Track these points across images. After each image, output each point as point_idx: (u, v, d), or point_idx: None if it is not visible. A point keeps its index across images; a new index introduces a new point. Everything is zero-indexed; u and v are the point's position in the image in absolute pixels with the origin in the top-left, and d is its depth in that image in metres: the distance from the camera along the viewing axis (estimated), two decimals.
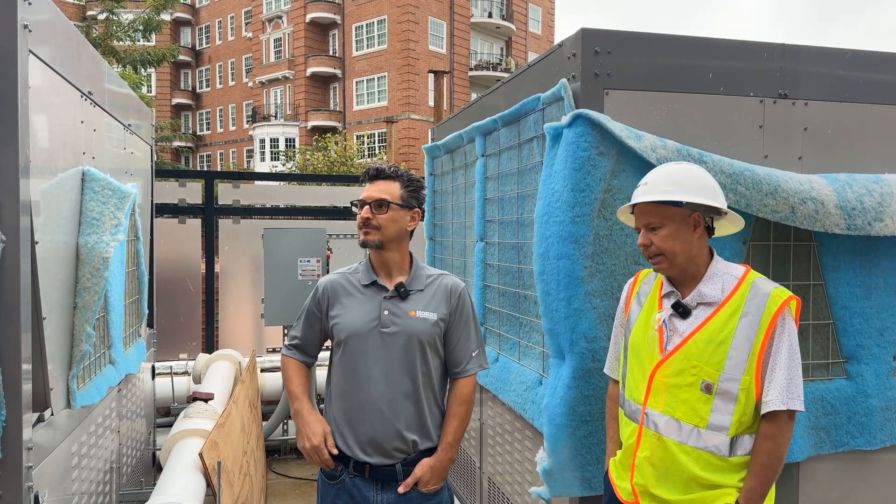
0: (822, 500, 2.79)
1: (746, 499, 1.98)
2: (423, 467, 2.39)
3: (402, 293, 2.41)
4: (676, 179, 2.06)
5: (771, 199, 2.47)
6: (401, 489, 2.37)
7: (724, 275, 2.07)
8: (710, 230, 2.11)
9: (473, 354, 2.50)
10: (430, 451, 2.43)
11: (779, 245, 2.70)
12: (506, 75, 3.84)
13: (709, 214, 2.09)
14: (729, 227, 2.20)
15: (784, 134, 2.72)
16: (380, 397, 2.36)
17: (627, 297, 2.29)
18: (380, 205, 2.38)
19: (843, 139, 2.79)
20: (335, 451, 2.39)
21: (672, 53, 2.59)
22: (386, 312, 2.39)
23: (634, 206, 2.14)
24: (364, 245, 2.41)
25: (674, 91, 2.59)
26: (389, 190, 2.41)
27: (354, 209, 2.44)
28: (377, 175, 2.43)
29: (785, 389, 1.96)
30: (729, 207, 2.25)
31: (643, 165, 2.43)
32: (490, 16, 40.90)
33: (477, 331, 2.54)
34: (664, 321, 2.10)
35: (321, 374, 4.97)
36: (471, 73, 39.60)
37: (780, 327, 1.98)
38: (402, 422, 2.37)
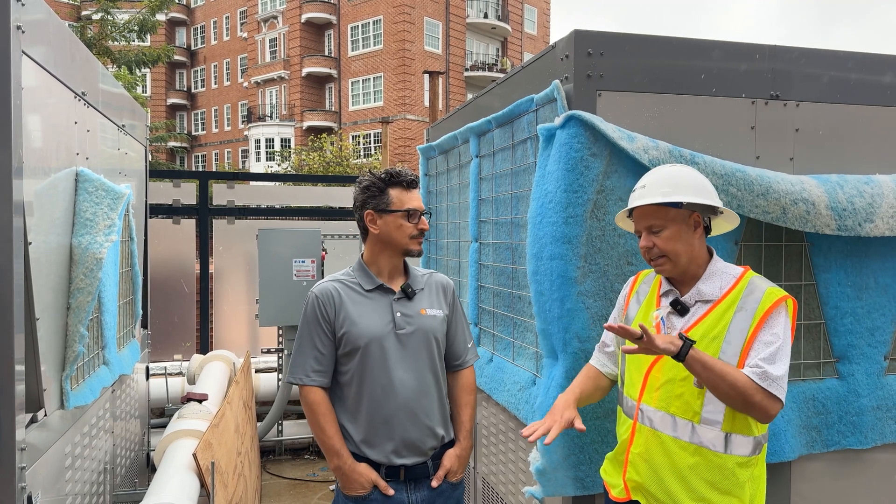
0: (814, 499, 2.80)
1: (696, 351, 1.89)
2: (450, 458, 2.45)
3: (409, 293, 2.43)
4: (674, 181, 2.08)
5: (762, 199, 2.49)
6: (434, 483, 2.41)
7: (723, 274, 2.09)
8: (707, 230, 2.14)
9: (469, 346, 2.62)
10: (450, 443, 2.50)
11: (770, 245, 2.71)
12: (501, 76, 3.87)
13: (706, 214, 2.11)
14: (725, 225, 2.22)
15: (776, 135, 2.73)
16: (409, 399, 2.36)
17: (627, 296, 2.32)
18: (426, 214, 2.45)
19: (835, 140, 2.80)
20: (391, 492, 2.35)
21: (664, 55, 2.60)
22: (399, 314, 2.39)
23: (633, 210, 2.16)
24: (418, 254, 2.44)
25: (666, 92, 2.60)
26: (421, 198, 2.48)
27: (409, 221, 2.38)
28: (416, 183, 2.45)
29: (766, 365, 1.92)
30: None
31: (636, 167, 2.44)
32: (486, 16, 40.92)
33: (468, 323, 2.66)
34: (662, 318, 2.12)
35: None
36: (466, 74, 39.62)
37: (772, 319, 1.99)
38: (432, 419, 2.41)
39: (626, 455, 2.16)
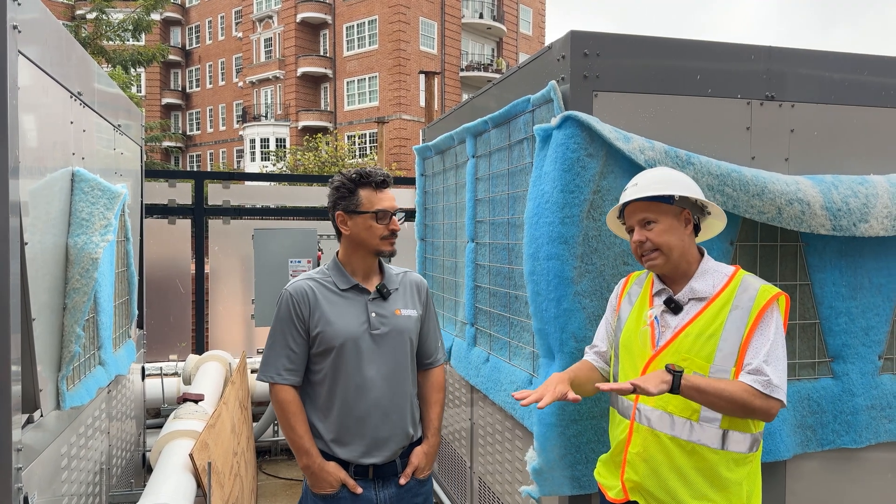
0: (809, 498, 2.82)
1: (688, 379, 1.91)
2: (418, 456, 2.47)
3: (384, 294, 2.43)
4: (665, 179, 2.13)
5: (758, 200, 2.50)
6: (402, 480, 2.43)
7: (715, 272, 2.11)
8: (696, 229, 2.17)
9: (439, 345, 2.65)
10: (418, 441, 2.51)
11: (766, 245, 2.73)
12: (497, 76, 3.87)
13: (695, 213, 2.15)
14: (715, 225, 2.24)
15: (771, 135, 2.74)
16: (382, 398, 2.37)
17: (619, 297, 2.32)
18: (397, 214, 2.43)
19: (829, 141, 2.82)
20: (359, 491, 2.36)
21: (660, 56, 2.61)
22: (374, 315, 2.40)
23: (623, 209, 2.18)
24: (391, 255, 2.42)
25: (662, 93, 2.61)
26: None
27: (379, 222, 2.36)
28: (388, 183, 2.42)
29: (776, 386, 1.96)
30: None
31: (632, 167, 2.45)
32: (481, 16, 40.94)
33: (437, 322, 2.70)
34: (656, 317, 2.13)
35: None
36: (462, 74, 39.62)
37: (766, 318, 2.01)
38: (404, 418, 2.43)
39: (624, 455, 2.16)
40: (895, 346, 2.89)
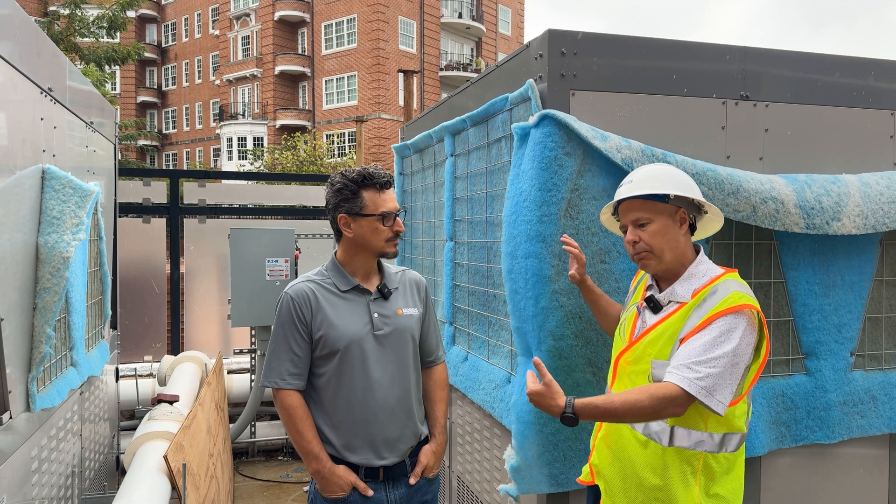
0: (784, 493, 2.85)
1: (581, 402, 1.90)
2: (427, 455, 2.46)
3: (385, 294, 2.41)
4: (661, 176, 2.10)
5: (733, 198, 2.52)
6: (412, 480, 2.41)
7: (703, 276, 2.07)
8: (692, 229, 2.15)
9: (440, 342, 2.64)
10: (425, 440, 2.51)
11: (741, 244, 2.76)
12: (476, 76, 3.83)
13: (692, 212, 2.12)
14: (711, 226, 2.23)
15: (745, 135, 2.77)
16: (388, 399, 2.34)
17: (631, 285, 2.36)
18: (401, 213, 2.41)
19: (803, 140, 2.86)
20: (370, 493, 2.32)
21: (637, 55, 2.62)
22: (376, 315, 2.37)
23: (618, 206, 2.16)
24: (395, 256, 2.41)
25: (639, 92, 2.62)
26: None
27: (384, 224, 2.32)
28: (391, 183, 2.37)
29: (687, 367, 1.88)
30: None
31: (609, 165, 2.46)
32: (460, 16, 40.95)
33: (437, 319, 2.68)
34: (639, 310, 2.16)
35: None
36: (441, 74, 39.61)
37: (719, 321, 1.92)
38: (412, 418, 2.41)
39: (594, 440, 2.24)
40: (867, 343, 2.94)
